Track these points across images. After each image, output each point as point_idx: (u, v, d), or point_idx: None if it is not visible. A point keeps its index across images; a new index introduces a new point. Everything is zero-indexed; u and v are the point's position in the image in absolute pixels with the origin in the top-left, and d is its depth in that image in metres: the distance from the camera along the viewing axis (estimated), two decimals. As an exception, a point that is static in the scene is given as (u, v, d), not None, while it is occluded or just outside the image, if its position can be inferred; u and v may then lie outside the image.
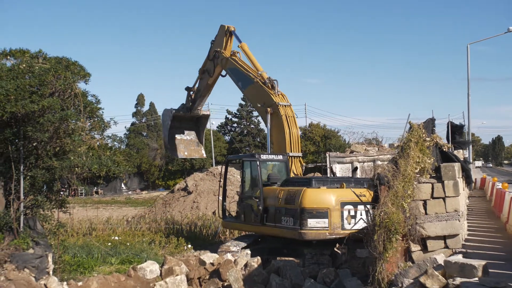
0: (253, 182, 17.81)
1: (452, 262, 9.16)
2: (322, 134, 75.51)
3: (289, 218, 15.43)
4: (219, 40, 23.87)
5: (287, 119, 19.30)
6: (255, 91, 20.80)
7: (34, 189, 13.89)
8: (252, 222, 17.09)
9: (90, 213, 32.59)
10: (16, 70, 12.91)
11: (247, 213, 17.31)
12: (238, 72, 22.02)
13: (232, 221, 18.69)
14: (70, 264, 14.92)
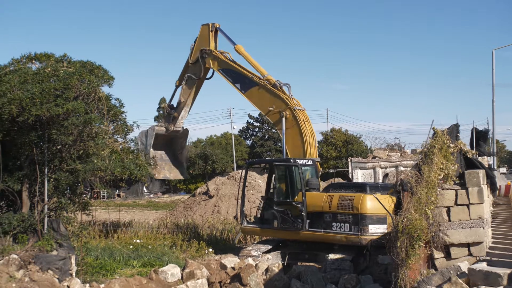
0: (291, 187, 17.23)
1: (476, 270, 9.05)
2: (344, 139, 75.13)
3: (344, 224, 15.42)
4: (203, 39, 22.69)
5: (304, 124, 19.14)
6: (261, 94, 20.35)
7: (58, 192, 14.05)
8: (289, 228, 16.61)
9: (112, 216, 32.81)
10: (41, 73, 13.08)
11: (283, 219, 16.77)
12: (234, 73, 21.29)
13: (259, 226, 17.88)
14: (92, 266, 15.03)
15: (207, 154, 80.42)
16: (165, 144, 25.07)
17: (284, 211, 16.77)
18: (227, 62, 21.67)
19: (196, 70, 22.71)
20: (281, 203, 17.03)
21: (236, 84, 21.09)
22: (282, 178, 17.59)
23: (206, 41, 22.32)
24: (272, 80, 20.02)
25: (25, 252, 11.85)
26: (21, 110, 12.23)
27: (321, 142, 74.70)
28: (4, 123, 12.60)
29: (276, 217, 16.90)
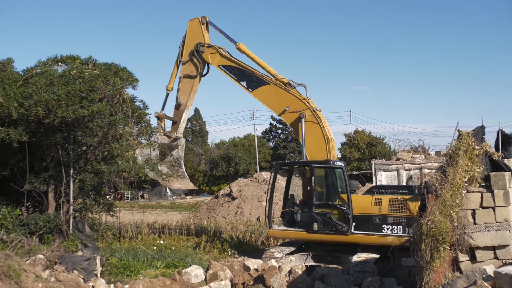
0: (332, 190, 17.24)
1: (502, 273, 8.94)
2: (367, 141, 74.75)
3: (397, 226, 15.65)
4: (194, 34, 20.77)
5: (324, 125, 18.84)
6: (273, 94, 19.32)
7: (83, 193, 14.22)
8: (332, 231, 16.51)
9: (136, 217, 33.05)
10: (67, 76, 13.24)
11: (324, 222, 16.61)
12: (239, 71, 19.91)
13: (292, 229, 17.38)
14: (117, 267, 15.16)
15: (230, 156, 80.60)
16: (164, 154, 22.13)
17: (325, 214, 16.63)
18: (229, 59, 20.21)
19: (192, 68, 20.79)
20: (322, 205, 16.88)
21: (241, 81, 19.88)
22: (322, 180, 17.51)
23: (198, 35, 20.62)
24: (285, 80, 19.20)
25: (51, 252, 12.00)
26: (47, 112, 12.39)
27: (344, 144, 74.45)
28: (31, 125, 12.78)
29: (315, 220, 16.67)
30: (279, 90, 19.17)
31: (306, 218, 17.00)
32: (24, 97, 12.46)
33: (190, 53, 20.69)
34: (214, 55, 20.37)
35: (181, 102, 20.94)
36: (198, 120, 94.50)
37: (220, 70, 20.32)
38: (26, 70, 13.98)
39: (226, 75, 20.20)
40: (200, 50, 20.46)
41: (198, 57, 20.55)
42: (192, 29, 20.81)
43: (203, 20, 20.57)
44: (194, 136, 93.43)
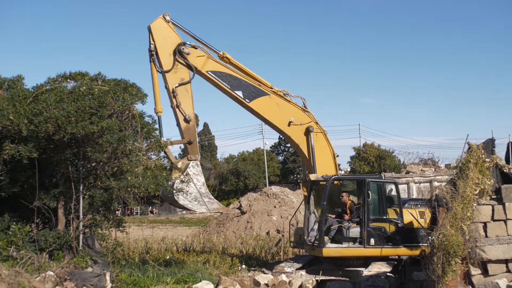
0: (383, 204, 17.08)
1: (515, 287, 8.87)
2: (377, 154, 74.63)
3: None
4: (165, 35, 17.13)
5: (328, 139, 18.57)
6: (274, 105, 17.83)
7: (93, 209, 14.23)
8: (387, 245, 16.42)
9: (146, 233, 33.06)
10: (76, 92, 13.29)
11: (379, 236, 16.44)
12: (232, 79, 17.61)
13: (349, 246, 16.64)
14: (126, 283, 15.10)
15: (239, 170, 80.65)
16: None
17: (380, 228, 16.52)
18: (222, 64, 17.69)
19: (182, 74, 17.06)
20: (377, 220, 16.73)
21: (236, 91, 17.57)
22: (375, 195, 17.23)
23: (171, 36, 17.10)
24: (280, 92, 18.00)
25: (61, 269, 11.99)
26: (57, 128, 12.44)
27: (354, 157, 74.34)
28: (41, 141, 12.83)
29: (372, 235, 16.37)
30: (280, 101, 17.89)
31: (359, 234, 16.52)
32: (34, 114, 12.52)
33: (171, 59, 17.05)
34: (201, 59, 17.28)
35: (189, 117, 17.01)
36: (207, 134, 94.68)
37: (209, 77, 17.40)
38: (36, 87, 14.05)
39: (217, 83, 17.49)
40: (184, 52, 17.04)
41: (183, 60, 17.05)
42: (160, 31, 17.04)
43: (166, 18, 17.11)
44: (203, 150, 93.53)
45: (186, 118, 16.91)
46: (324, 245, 16.24)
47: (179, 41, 17.04)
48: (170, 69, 16.85)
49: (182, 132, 16.90)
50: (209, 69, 17.34)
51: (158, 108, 16.83)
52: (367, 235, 16.32)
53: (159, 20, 17.01)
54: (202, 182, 16.47)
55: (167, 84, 16.88)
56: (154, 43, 16.83)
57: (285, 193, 38.99)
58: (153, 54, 16.79)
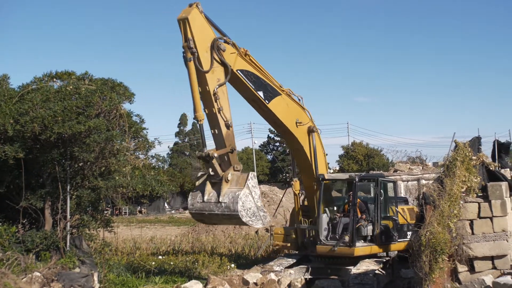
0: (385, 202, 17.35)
1: (501, 283, 8.94)
2: (365, 153, 74.81)
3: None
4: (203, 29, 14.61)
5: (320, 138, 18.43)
6: (285, 105, 17.03)
7: (80, 209, 14.18)
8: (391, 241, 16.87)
9: (134, 232, 32.97)
10: (63, 91, 13.25)
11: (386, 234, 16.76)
12: (256, 78, 16.25)
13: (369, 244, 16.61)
14: (115, 283, 15.07)
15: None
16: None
17: (387, 226, 16.88)
18: (250, 62, 16.12)
19: (218, 74, 14.89)
20: (385, 218, 17.04)
21: (259, 91, 16.29)
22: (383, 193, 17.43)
23: (207, 30, 14.85)
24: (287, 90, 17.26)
25: (48, 269, 11.94)
26: (44, 128, 12.39)
27: (342, 156, 74.47)
28: (27, 141, 12.77)
29: (382, 233, 16.67)
30: (289, 101, 17.13)
31: (374, 232, 16.65)
32: (20, 114, 12.46)
33: (207, 56, 14.82)
34: (232, 56, 15.43)
35: (230, 122, 14.79)
36: (196, 134, 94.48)
37: (238, 76, 15.71)
38: (22, 87, 13.99)
39: (244, 83, 15.92)
40: (221, 48, 14.92)
41: (218, 58, 14.90)
42: (197, 24, 14.51)
43: (200, 8, 14.69)
44: (192, 150, 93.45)
45: (227, 124, 14.66)
46: (356, 244, 16.07)
47: (214, 35, 14.76)
48: (210, 69, 14.48)
49: (222, 140, 14.50)
50: (238, 68, 15.60)
51: (200, 115, 14.23)
52: (380, 233, 16.57)
53: (195, 11, 14.41)
54: (258, 195, 14.59)
55: (208, 85, 14.36)
56: (193, 39, 14.15)
57: (274, 192, 39.02)
58: (194, 52, 14.10)
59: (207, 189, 14.06)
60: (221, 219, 14.27)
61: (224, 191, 13.72)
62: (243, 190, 13.65)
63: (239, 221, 13.76)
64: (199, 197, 14.15)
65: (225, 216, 13.73)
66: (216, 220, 14.89)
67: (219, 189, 13.83)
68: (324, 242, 16.53)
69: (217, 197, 13.80)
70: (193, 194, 14.32)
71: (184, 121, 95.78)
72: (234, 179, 14.18)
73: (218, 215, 13.86)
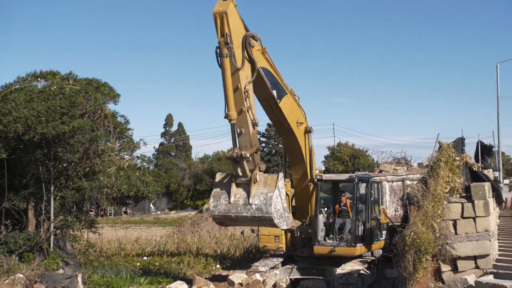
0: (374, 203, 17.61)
1: (483, 283, 9.01)
2: (351, 153, 75.11)
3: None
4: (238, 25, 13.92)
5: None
6: (291, 105, 16.73)
7: (64, 210, 14.09)
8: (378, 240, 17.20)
9: (119, 233, 32.83)
10: (47, 91, 13.17)
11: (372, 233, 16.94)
12: (272, 77, 15.84)
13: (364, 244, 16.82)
14: (99, 284, 15.00)
15: (214, 170, 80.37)
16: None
17: (374, 226, 17.12)
18: (268, 59, 15.52)
19: (247, 72, 14.16)
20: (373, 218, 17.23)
21: (274, 90, 15.83)
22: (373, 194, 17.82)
23: (241, 25, 14.10)
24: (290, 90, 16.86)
25: (31, 271, 11.87)
26: (27, 128, 12.30)
27: (328, 157, 74.71)
28: (10, 141, 12.67)
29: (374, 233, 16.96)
30: (292, 101, 16.79)
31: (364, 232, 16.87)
32: (2, 114, 12.36)
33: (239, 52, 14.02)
34: (258, 53, 14.85)
35: (257, 121, 14.26)
36: (182, 134, 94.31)
37: (260, 73, 15.06)
38: (5, 86, 13.89)
39: (264, 81, 15.40)
40: (251, 45, 14.24)
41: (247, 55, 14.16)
42: (233, 19, 13.72)
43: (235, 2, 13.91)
44: (178, 150, 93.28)
45: (254, 123, 14.07)
46: (356, 245, 16.27)
47: (244, 31, 13.99)
48: (243, 66, 13.70)
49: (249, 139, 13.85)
50: (261, 65, 14.86)
51: (233, 114, 13.40)
52: (372, 233, 16.81)
53: (231, 5, 13.56)
54: (284, 195, 14.18)
55: (240, 83, 13.59)
56: (230, 34, 13.32)
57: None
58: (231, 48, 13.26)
59: (233, 190, 13.47)
60: (250, 221, 13.58)
61: (254, 192, 13.23)
62: (275, 191, 13.18)
63: (270, 222, 13.18)
64: (223, 199, 13.51)
65: (256, 218, 13.09)
66: (243, 222, 14.38)
67: (247, 190, 13.31)
68: (323, 242, 16.67)
69: (245, 198, 13.24)
70: (216, 195, 13.61)
71: (170, 121, 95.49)
72: (262, 179, 13.72)
73: (247, 217, 13.20)
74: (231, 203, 13.07)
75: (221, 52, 13.26)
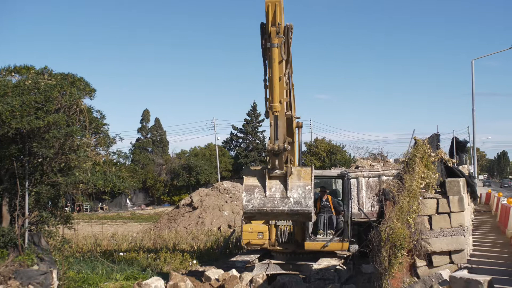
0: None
1: (457, 277, 9.11)
2: (328, 149, 75.52)
3: None
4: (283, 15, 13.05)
5: None
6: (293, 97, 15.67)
7: (39, 205, 13.91)
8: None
9: (95, 229, 32.58)
10: (21, 86, 12.97)
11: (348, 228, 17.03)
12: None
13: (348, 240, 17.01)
14: (74, 281, 14.87)
15: (191, 166, 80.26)
16: None
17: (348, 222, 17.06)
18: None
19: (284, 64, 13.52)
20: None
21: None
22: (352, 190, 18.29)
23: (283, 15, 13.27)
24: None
25: (5, 267, 11.72)
26: (1, 123, 12.12)
27: (305, 153, 74.93)
28: (-17, 136, 12.48)
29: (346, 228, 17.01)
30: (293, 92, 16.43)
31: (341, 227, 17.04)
32: (-24, 108, 12.16)
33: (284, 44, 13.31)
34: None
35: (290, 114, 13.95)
36: (159, 130, 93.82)
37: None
38: (-22, 81, 13.65)
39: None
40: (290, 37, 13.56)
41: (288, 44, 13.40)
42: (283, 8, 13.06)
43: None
44: (154, 146, 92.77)
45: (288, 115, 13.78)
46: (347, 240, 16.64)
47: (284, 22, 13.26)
48: (287, 57, 13.03)
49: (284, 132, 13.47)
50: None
51: (278, 105, 12.83)
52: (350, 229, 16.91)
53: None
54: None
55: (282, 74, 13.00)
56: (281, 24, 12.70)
57: (237, 188, 39.03)
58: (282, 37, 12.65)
59: (268, 184, 13.07)
60: (286, 215, 13.00)
61: (291, 186, 12.90)
62: (311, 184, 12.88)
63: (307, 216, 12.70)
64: (257, 193, 13.08)
65: (293, 212, 12.56)
66: (277, 217, 13.87)
67: (284, 183, 12.97)
68: (314, 238, 16.84)
69: (282, 191, 12.88)
70: (249, 189, 13.12)
71: (147, 117, 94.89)
72: (295, 172, 13.44)
73: (283, 211, 12.70)
74: (267, 197, 12.71)
75: (272, 41, 12.65)
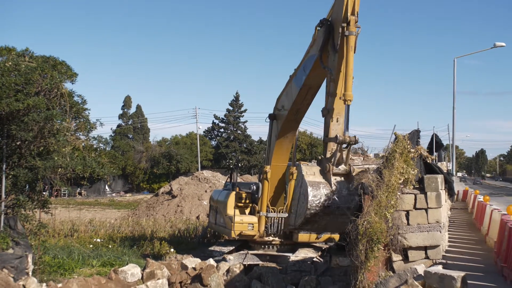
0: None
1: (432, 272, 9.19)
2: (309, 142, 75.73)
3: None
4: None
5: None
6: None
7: (16, 189, 13.78)
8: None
9: (73, 214, 32.39)
10: (1, 67, 12.81)
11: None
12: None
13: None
14: (50, 265, 14.80)
15: (171, 154, 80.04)
16: None
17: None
18: None
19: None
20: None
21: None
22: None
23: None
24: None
25: (-20, 250, 11.60)
26: (-21, 104, 11.98)
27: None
28: (-39, 117, 12.33)
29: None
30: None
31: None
32: (-46, 89, 12.00)
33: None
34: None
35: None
36: (140, 117, 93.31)
37: None
38: (-43, 61, 13.45)
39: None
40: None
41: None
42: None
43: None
44: (135, 133, 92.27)
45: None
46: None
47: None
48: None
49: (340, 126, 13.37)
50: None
51: (351, 94, 12.57)
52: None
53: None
54: None
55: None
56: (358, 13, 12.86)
57: (217, 178, 39.02)
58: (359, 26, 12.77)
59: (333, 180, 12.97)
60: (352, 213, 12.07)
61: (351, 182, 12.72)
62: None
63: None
64: (323, 188, 12.72)
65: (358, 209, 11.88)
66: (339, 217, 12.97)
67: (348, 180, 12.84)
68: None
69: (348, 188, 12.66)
70: (314, 185, 12.74)
71: (128, 103, 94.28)
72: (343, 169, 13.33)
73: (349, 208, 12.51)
74: (334, 192, 12.53)
75: (351, 30, 12.57)
